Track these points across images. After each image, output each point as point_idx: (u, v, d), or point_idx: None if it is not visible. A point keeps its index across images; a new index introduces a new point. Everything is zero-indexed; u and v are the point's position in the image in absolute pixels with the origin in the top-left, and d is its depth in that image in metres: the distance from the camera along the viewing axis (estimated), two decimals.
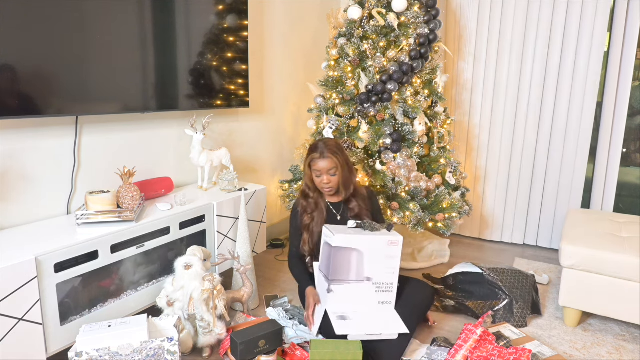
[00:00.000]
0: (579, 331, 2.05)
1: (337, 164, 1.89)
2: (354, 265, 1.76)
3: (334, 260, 1.75)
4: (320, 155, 1.89)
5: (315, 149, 1.92)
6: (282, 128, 3.14)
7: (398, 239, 1.78)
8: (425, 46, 2.56)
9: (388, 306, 1.80)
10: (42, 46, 1.59)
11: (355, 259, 1.76)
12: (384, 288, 1.79)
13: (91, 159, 1.93)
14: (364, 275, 1.77)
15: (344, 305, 1.76)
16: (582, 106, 2.84)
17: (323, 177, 1.91)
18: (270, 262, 2.76)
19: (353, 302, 1.77)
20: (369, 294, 1.79)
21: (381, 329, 1.70)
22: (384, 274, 1.79)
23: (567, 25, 2.80)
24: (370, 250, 1.76)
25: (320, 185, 1.95)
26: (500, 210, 3.23)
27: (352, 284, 1.77)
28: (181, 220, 1.95)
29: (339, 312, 1.75)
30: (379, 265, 1.78)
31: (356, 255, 1.76)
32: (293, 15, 3.07)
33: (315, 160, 1.90)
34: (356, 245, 1.75)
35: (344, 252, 1.75)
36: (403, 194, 2.49)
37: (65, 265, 1.52)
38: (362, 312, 1.76)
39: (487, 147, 3.19)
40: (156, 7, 1.98)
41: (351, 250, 1.75)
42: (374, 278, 1.78)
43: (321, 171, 1.90)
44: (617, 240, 2.02)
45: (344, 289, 1.77)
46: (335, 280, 1.76)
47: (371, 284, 1.78)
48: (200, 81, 2.26)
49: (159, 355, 1.51)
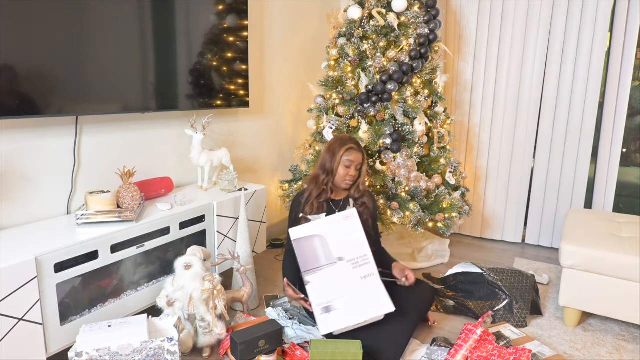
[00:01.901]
0: (579, 331, 2.05)
1: (364, 160, 2.01)
2: (320, 250, 1.77)
3: (299, 253, 1.77)
4: (357, 147, 1.98)
5: (350, 140, 2.00)
6: (282, 128, 3.14)
7: (351, 212, 1.83)
8: (425, 46, 2.56)
9: (372, 278, 1.74)
10: (42, 46, 1.59)
11: (319, 244, 1.78)
12: (360, 262, 1.76)
13: (91, 159, 1.93)
14: (335, 257, 1.77)
15: (327, 293, 1.72)
16: (584, 106, 2.84)
17: (351, 169, 1.97)
18: (270, 262, 2.76)
19: (336, 286, 1.73)
20: (348, 273, 1.75)
21: (365, 314, 1.68)
22: (353, 248, 1.78)
23: (568, 25, 2.80)
24: (330, 231, 1.79)
25: (345, 176, 1.98)
26: (500, 210, 3.23)
27: (325, 269, 1.75)
28: (181, 220, 1.95)
29: (323, 302, 1.70)
30: (345, 242, 1.78)
31: (319, 240, 1.78)
32: (293, 15, 3.07)
33: (353, 150, 1.97)
34: (313, 232, 1.78)
35: (306, 242, 1.78)
36: (403, 194, 2.49)
37: (65, 265, 1.52)
38: (347, 296, 1.71)
39: (488, 147, 3.19)
40: (156, 7, 1.98)
41: (311, 237, 1.78)
42: (346, 256, 1.77)
43: (354, 162, 1.96)
44: (617, 240, 2.02)
45: (320, 276, 1.75)
46: (308, 271, 1.76)
47: (345, 262, 1.76)
48: (200, 81, 2.26)
49: (159, 355, 1.51)
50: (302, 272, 1.77)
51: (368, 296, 1.71)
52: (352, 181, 2.00)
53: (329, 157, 2.00)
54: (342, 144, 1.99)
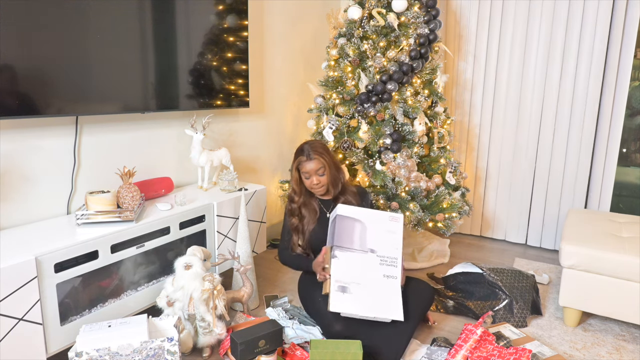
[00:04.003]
0: (579, 331, 2.05)
1: (324, 164, 1.93)
2: (357, 235, 1.80)
3: (338, 228, 1.79)
4: (307, 157, 1.93)
5: (301, 152, 1.96)
6: (282, 128, 3.14)
7: (399, 216, 1.86)
8: (425, 46, 2.56)
9: (393, 281, 1.76)
10: (42, 46, 1.59)
11: (358, 230, 1.80)
12: (388, 262, 1.79)
13: (91, 159, 1.93)
14: (368, 247, 1.79)
15: (349, 275, 1.74)
16: (585, 106, 2.83)
17: (312, 179, 1.94)
18: (270, 262, 2.75)
19: (359, 272, 1.75)
20: (374, 266, 1.77)
21: (376, 311, 1.69)
22: (387, 247, 1.80)
23: (568, 25, 2.80)
24: (372, 223, 1.82)
25: (310, 187, 1.98)
26: (500, 210, 3.23)
27: (355, 253, 1.78)
28: (181, 220, 1.95)
29: (342, 281, 1.72)
30: (382, 239, 1.81)
31: (359, 226, 1.81)
32: (293, 15, 3.06)
33: (303, 162, 1.94)
34: (359, 216, 1.82)
35: (348, 222, 1.80)
36: (403, 194, 2.49)
37: (65, 265, 1.52)
38: (365, 286, 1.73)
39: (488, 147, 3.19)
40: (156, 7, 1.98)
41: (354, 220, 1.81)
42: (378, 251, 1.79)
43: (310, 172, 1.93)
44: (617, 240, 2.02)
45: (348, 256, 1.77)
46: (339, 247, 1.77)
47: (375, 256, 1.78)
48: (200, 81, 2.26)
49: (159, 355, 1.51)
50: (332, 244, 1.79)
51: (384, 296, 1.73)
52: (321, 187, 1.97)
53: (292, 173, 2.01)
54: (294, 159, 1.97)
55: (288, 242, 2.07)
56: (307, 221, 2.02)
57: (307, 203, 2.04)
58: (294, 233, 2.05)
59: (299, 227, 2.03)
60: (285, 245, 2.09)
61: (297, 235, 2.04)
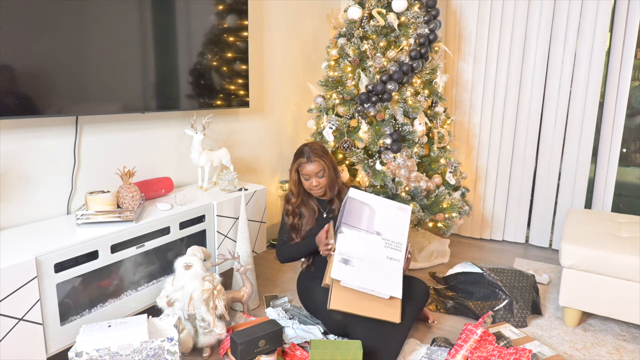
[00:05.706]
0: (579, 331, 2.05)
1: (324, 167, 1.96)
2: (365, 217, 1.85)
3: (347, 208, 1.84)
4: (308, 159, 1.95)
5: (301, 154, 1.98)
6: (282, 128, 3.14)
7: (407, 207, 1.91)
8: (425, 46, 2.56)
9: (396, 264, 1.80)
10: (42, 46, 1.59)
11: (367, 213, 1.85)
12: (392, 246, 1.83)
13: (91, 159, 1.93)
14: (374, 229, 1.83)
15: (353, 250, 1.78)
16: (584, 106, 2.83)
17: (312, 180, 1.96)
18: (270, 262, 2.75)
19: (362, 250, 1.79)
20: (378, 247, 1.81)
21: (376, 284, 1.72)
22: (393, 232, 1.85)
23: (568, 25, 2.80)
24: (381, 208, 1.87)
25: (309, 188, 2.00)
26: (501, 210, 3.23)
27: (362, 232, 1.82)
28: (181, 220, 1.95)
29: (345, 254, 1.76)
30: (389, 224, 1.85)
31: (368, 210, 1.86)
32: (293, 15, 3.06)
33: (303, 164, 1.96)
34: (369, 201, 1.87)
35: (358, 204, 1.86)
36: (403, 194, 2.49)
37: (65, 265, 1.52)
38: (368, 263, 1.76)
39: (488, 147, 3.19)
40: (156, 7, 1.98)
41: (364, 204, 1.86)
42: (384, 234, 1.84)
43: (309, 174, 1.96)
44: (617, 240, 2.02)
45: (354, 234, 1.81)
46: (347, 225, 1.82)
47: (381, 239, 1.83)
48: (200, 81, 2.26)
49: (159, 355, 1.51)
50: (340, 222, 1.83)
51: (385, 273, 1.76)
52: (320, 189, 1.99)
53: (291, 174, 2.04)
54: (294, 160, 2.00)
55: (287, 240, 2.08)
56: (306, 220, 2.04)
57: (306, 203, 2.06)
58: (292, 232, 2.06)
59: (297, 226, 2.05)
60: (284, 240, 2.10)
61: (294, 234, 2.06)
